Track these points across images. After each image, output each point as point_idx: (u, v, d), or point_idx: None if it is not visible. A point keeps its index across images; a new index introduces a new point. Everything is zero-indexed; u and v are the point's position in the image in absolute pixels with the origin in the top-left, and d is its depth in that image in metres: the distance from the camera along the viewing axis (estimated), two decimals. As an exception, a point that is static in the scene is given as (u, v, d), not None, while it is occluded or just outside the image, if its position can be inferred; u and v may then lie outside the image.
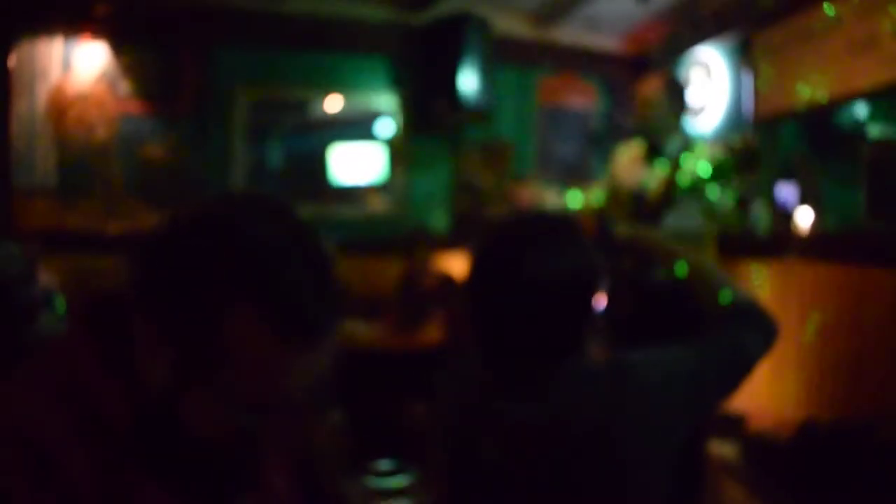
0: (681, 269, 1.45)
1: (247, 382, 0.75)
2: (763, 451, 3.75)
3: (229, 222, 0.76)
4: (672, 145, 3.00)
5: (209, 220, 0.77)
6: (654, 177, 3.01)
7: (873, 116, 3.97)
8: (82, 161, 4.52)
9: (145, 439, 0.77)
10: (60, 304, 4.02)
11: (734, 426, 4.02)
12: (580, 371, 1.21)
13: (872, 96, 3.63)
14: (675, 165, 2.93)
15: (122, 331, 0.79)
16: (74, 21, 4.47)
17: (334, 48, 4.98)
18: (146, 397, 0.77)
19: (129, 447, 0.76)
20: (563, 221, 1.30)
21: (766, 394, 4.16)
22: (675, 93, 3.08)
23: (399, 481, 3.27)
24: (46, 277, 4.09)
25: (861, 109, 3.92)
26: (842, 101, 3.83)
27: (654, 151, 3.06)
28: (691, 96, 3.26)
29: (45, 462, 0.71)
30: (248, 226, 0.76)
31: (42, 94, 4.45)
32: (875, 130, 4.02)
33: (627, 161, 3.21)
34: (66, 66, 4.50)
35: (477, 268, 1.27)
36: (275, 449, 0.96)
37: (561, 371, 1.20)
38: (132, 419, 0.77)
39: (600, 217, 1.69)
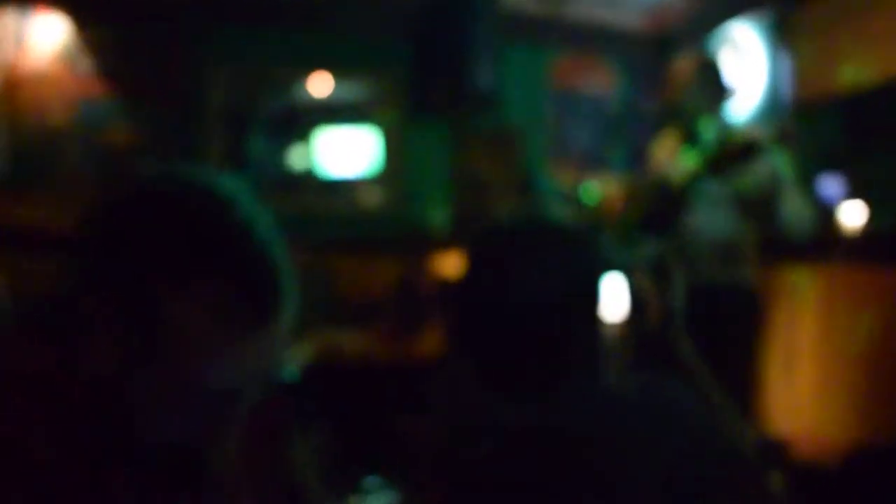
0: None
1: (192, 363, 0.76)
2: (808, 481, 3.66)
3: (165, 197, 0.79)
4: (707, 133, 2.95)
5: (144, 196, 0.80)
6: (683, 167, 2.97)
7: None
8: (37, 147, 4.39)
9: (92, 438, 0.78)
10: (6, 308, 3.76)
11: (774, 454, 3.92)
12: (585, 394, 1.18)
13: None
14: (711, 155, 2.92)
15: (66, 326, 0.79)
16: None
17: (323, 23, 4.82)
18: (91, 393, 0.78)
19: (75, 447, 0.77)
20: (562, 228, 1.28)
21: (810, 416, 4.10)
22: (711, 74, 3.03)
23: (385, 499, 3.28)
24: (-8, 278, 3.85)
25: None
26: (893, 83, 3.66)
27: (688, 140, 3.02)
28: (728, 78, 3.11)
29: None
30: (184, 201, 0.78)
31: (-8, 73, 4.34)
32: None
33: (663, 152, 3.19)
34: (20, 41, 4.33)
35: (468, 277, 1.24)
36: (238, 460, 0.94)
37: (565, 391, 1.17)
38: (77, 418, 0.78)
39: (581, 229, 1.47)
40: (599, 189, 3.45)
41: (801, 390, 4.10)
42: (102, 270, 0.76)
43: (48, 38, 4.35)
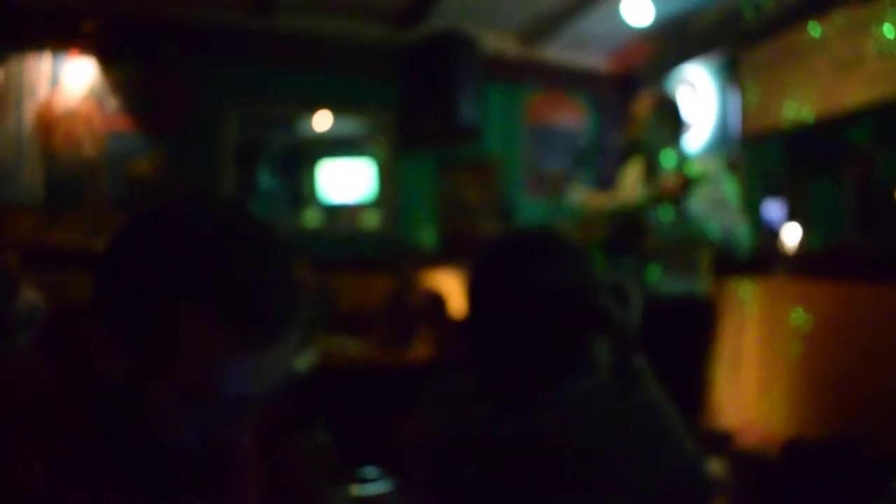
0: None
1: (201, 379, 0.75)
2: (751, 467, 3.76)
3: (181, 220, 0.77)
4: (666, 163, 3.05)
5: (161, 219, 0.78)
6: (642, 194, 3.04)
7: (858, 133, 3.92)
8: (69, 176, 4.48)
9: (105, 445, 0.77)
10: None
11: (722, 443, 4.07)
12: (577, 391, 1.20)
13: (857, 114, 3.69)
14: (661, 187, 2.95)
15: (81, 338, 0.79)
16: (62, 38, 4.47)
17: (324, 65, 4.97)
18: (105, 402, 0.77)
19: (88, 453, 0.76)
20: (558, 237, 1.29)
21: (753, 410, 4.26)
22: (670, 111, 3.11)
23: (381, 488, 3.31)
24: (31, 293, 4.05)
25: (846, 126, 3.89)
26: (827, 119, 3.89)
27: (650, 170, 3.11)
28: (684, 114, 3.17)
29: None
30: (200, 223, 0.77)
31: (30, 110, 4.43)
32: (860, 147, 3.97)
33: (628, 180, 3.26)
34: (54, 82, 4.48)
35: (474, 284, 1.26)
36: (245, 459, 0.95)
37: (557, 389, 1.20)
38: (90, 425, 0.77)
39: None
40: (578, 205, 3.37)
41: (745, 388, 4.31)
42: (111, 289, 0.76)
43: (80, 79, 4.49)
